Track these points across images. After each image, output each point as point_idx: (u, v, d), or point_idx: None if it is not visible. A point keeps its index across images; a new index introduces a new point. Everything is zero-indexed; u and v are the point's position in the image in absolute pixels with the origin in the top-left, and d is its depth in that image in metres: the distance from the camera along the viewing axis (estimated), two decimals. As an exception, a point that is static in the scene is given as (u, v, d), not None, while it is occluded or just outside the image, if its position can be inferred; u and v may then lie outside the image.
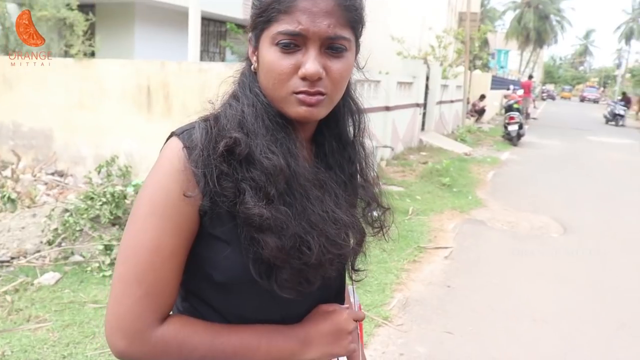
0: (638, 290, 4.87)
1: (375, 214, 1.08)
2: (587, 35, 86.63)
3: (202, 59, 11.10)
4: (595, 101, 57.29)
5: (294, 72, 0.88)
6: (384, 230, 1.08)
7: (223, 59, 13.21)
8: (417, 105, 12.60)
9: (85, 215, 4.74)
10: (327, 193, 0.95)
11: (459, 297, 4.37)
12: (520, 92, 19.92)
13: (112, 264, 4.29)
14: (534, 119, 24.87)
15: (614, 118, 26.87)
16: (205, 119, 0.93)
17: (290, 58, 0.88)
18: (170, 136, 0.92)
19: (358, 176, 1.08)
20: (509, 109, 15.98)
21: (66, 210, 4.86)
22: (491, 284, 4.75)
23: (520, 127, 15.10)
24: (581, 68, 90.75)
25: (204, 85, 6.25)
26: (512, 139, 15.00)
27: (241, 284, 0.90)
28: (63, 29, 7.89)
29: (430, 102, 14.13)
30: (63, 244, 4.58)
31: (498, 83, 26.78)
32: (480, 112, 21.02)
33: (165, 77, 6.50)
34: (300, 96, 0.89)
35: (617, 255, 5.85)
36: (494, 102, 24.35)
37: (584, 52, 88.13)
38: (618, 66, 66.79)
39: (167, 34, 11.26)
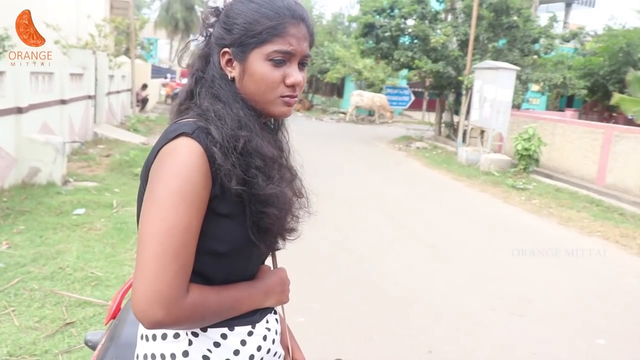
0: (369, 246, 5.95)
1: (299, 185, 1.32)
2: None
3: None
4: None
5: (282, 81, 1.14)
6: (308, 200, 1.32)
7: None
8: (89, 97, 12.14)
9: None
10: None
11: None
12: (185, 80, 20.70)
13: None
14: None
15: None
16: (204, 119, 1.10)
17: (279, 70, 1.14)
18: (179, 135, 1.06)
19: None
20: (175, 96, 16.43)
21: None
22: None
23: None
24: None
25: None
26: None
27: (238, 250, 1.14)
28: None
29: (99, 93, 13.66)
30: None
31: (156, 72, 27.28)
32: (144, 101, 21.08)
33: None
34: (286, 99, 1.17)
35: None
36: (161, 91, 24.74)
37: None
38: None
39: None
